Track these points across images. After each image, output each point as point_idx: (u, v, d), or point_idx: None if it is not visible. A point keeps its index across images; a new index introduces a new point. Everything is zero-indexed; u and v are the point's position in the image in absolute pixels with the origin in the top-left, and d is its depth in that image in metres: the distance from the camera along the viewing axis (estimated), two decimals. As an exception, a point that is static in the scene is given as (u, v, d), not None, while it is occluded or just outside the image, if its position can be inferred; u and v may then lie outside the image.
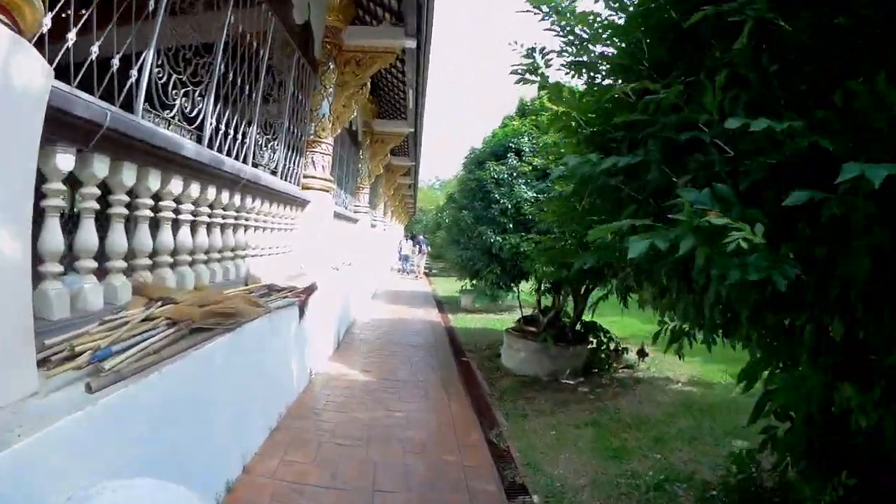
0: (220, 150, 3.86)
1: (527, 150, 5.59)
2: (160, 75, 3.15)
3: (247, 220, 4.48)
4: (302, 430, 3.88)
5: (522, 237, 4.98)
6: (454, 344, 7.66)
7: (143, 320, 2.56)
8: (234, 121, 4.15)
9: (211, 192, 3.64)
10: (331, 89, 6.33)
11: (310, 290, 4.50)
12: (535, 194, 5.16)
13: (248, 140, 4.51)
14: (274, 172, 5.26)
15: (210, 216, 3.75)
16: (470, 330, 8.77)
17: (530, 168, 5.39)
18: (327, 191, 6.22)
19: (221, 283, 3.93)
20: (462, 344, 7.74)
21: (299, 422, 4.03)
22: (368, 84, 6.88)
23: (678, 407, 5.67)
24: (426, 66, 7.96)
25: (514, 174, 5.31)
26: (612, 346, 7.14)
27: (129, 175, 2.73)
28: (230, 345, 2.92)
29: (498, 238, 4.93)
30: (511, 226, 4.99)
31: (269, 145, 5.13)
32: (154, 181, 2.97)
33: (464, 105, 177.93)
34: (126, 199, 2.78)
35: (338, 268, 7.24)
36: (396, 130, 11.67)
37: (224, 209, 3.97)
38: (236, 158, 4.15)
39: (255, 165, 4.82)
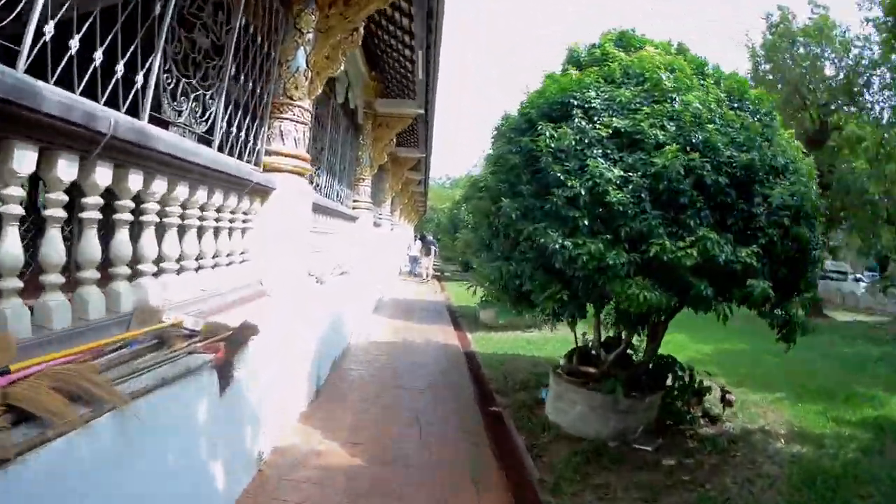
0: (56, 80, 2.00)
1: (598, 107, 3.64)
2: None
3: (140, 212, 2.62)
4: None
5: (606, 242, 3.04)
6: (478, 381, 5.75)
7: None
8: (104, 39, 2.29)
9: (23, 158, 1.77)
10: (309, 35, 4.45)
11: (240, 336, 2.62)
12: (621, 173, 3.21)
13: (146, 79, 2.66)
14: (207, 141, 3.40)
15: (29, 205, 1.88)
16: (496, 357, 6.84)
17: (608, 133, 3.44)
18: (301, 174, 4.34)
19: (62, 331, 2.06)
20: (488, 380, 5.82)
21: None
22: (361, 30, 4.99)
23: (799, 483, 3.95)
24: (440, 12, 6.07)
25: (586, 141, 3.37)
26: (690, 387, 5.24)
27: None
28: None
29: (566, 243, 2.98)
30: (586, 223, 3.05)
31: (197, 97, 3.26)
32: None
33: (474, 99, 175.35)
34: None
35: (323, 279, 5.37)
36: (403, 112, 9.78)
37: (71, 193, 2.11)
38: (97, 100, 2.29)
39: (164, 125, 2.97)
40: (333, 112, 6.81)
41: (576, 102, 3.76)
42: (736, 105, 4.38)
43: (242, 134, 3.83)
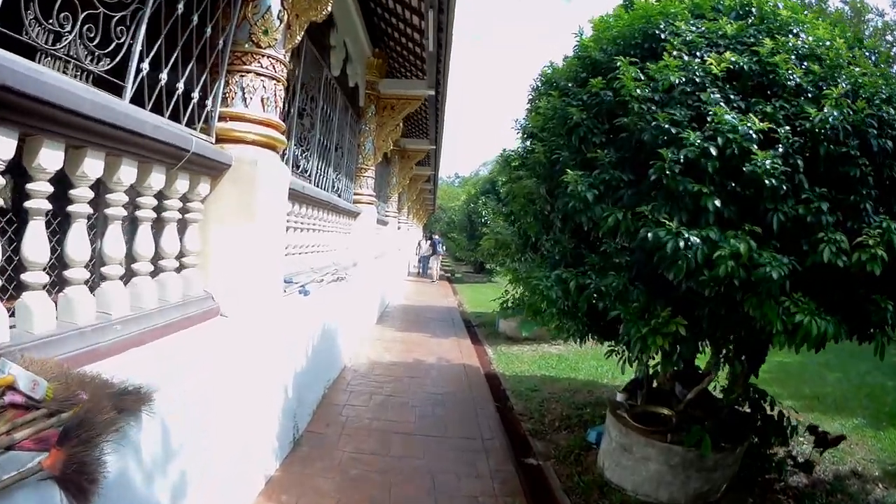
0: None
1: (697, 41, 2.45)
2: None
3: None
4: None
5: (744, 233, 1.82)
6: (507, 419, 4.54)
7: None
8: None
9: None
10: (285, -34, 3.30)
11: (103, 411, 1.43)
12: (761, 125, 1.99)
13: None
14: (116, 90, 2.25)
15: None
16: (524, 381, 5.64)
17: (722, 71, 2.24)
18: (273, 147, 3.18)
19: None
20: (519, 416, 4.62)
21: None
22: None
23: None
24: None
25: (697, 81, 2.18)
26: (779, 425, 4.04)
27: None
28: None
29: (692, 238, 1.76)
30: (716, 203, 1.83)
31: (94, 19, 2.11)
32: None
33: (484, 95, 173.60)
34: None
35: (308, 289, 4.21)
36: (411, 93, 8.62)
37: None
38: None
39: (31, 55, 1.82)
40: (327, 85, 5.65)
41: (663, 36, 2.55)
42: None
43: (181, 85, 2.67)
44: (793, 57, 2.52)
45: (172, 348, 2.38)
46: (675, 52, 2.26)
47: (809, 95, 2.30)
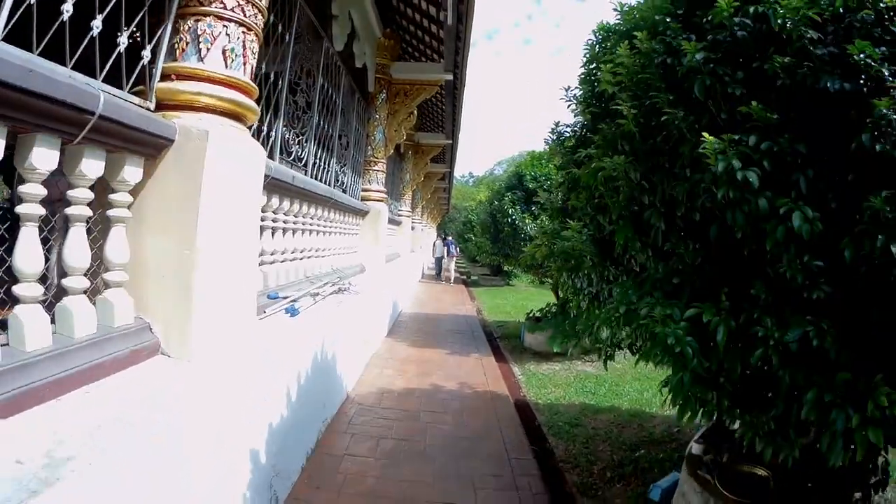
0: None
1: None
2: None
3: None
4: None
5: None
6: (546, 466, 3.65)
7: None
8: None
9: None
10: None
11: None
12: None
13: None
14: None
15: None
16: (561, 412, 4.72)
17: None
18: (240, 117, 2.33)
19: None
20: (561, 462, 3.72)
21: None
22: None
23: None
24: None
25: (882, 9, 1.33)
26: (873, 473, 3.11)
27: None
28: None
29: None
30: None
31: None
32: None
33: (497, 91, 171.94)
34: None
35: (297, 307, 3.36)
36: (426, 78, 7.76)
37: None
38: None
39: None
40: (328, 60, 4.81)
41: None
42: None
43: (98, 24, 1.83)
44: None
45: (75, 412, 1.55)
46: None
47: None
